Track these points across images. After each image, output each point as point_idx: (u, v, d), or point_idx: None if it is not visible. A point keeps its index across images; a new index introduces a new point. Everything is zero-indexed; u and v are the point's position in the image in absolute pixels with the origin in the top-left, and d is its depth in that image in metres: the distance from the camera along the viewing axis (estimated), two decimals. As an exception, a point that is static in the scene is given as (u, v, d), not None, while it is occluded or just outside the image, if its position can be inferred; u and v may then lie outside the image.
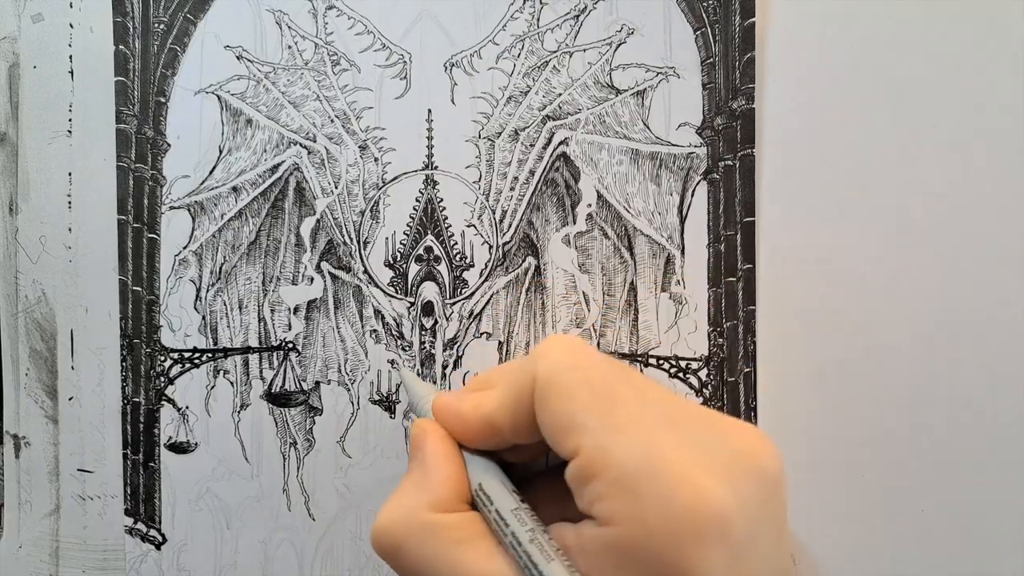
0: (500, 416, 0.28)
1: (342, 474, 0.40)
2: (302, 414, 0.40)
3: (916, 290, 0.38)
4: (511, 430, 0.27)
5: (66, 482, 0.41)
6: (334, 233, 0.40)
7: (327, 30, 0.40)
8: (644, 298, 0.39)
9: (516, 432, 0.27)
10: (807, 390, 0.39)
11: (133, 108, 0.40)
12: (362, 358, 0.40)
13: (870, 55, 0.38)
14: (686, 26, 0.39)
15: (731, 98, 0.39)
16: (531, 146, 0.40)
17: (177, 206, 0.40)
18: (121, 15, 0.40)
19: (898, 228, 0.38)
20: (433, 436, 0.29)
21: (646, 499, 0.22)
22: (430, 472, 0.28)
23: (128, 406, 0.40)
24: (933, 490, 0.38)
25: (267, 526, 0.40)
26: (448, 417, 0.30)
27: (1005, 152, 0.38)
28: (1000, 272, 0.38)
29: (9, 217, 0.41)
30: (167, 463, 0.40)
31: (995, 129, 0.38)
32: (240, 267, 0.40)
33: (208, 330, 0.40)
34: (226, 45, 0.40)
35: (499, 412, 0.28)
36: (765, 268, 0.39)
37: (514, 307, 0.40)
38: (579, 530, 0.24)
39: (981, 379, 0.38)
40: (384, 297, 0.40)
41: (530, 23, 0.40)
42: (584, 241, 0.40)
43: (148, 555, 0.40)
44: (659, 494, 0.22)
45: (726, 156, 0.39)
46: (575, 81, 0.40)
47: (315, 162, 0.40)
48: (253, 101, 0.40)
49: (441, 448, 0.29)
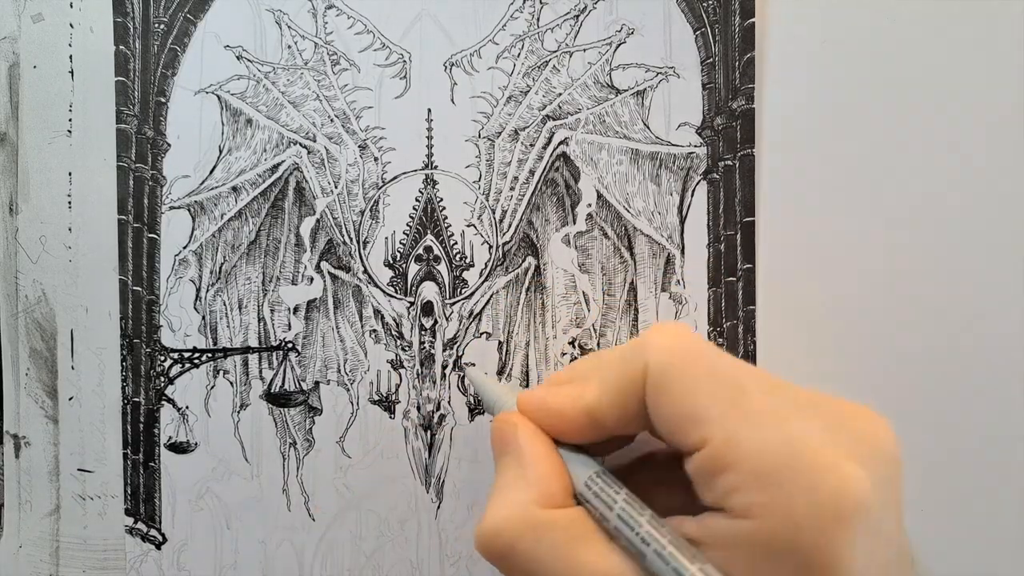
0: (604, 408, 0.26)
1: (342, 474, 0.40)
2: (302, 414, 0.40)
3: (916, 289, 0.38)
4: (617, 422, 0.26)
5: (66, 482, 0.41)
6: (334, 233, 0.40)
7: (327, 30, 0.40)
8: (644, 298, 0.39)
9: (622, 424, 0.26)
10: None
11: (133, 108, 0.40)
12: (362, 358, 0.40)
13: (870, 55, 0.38)
14: (686, 26, 0.39)
15: (731, 98, 0.39)
16: (531, 146, 0.40)
17: (177, 206, 0.40)
18: (121, 15, 0.40)
19: (898, 228, 0.38)
20: (525, 430, 0.28)
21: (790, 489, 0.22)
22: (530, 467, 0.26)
23: (128, 406, 0.40)
24: (933, 490, 0.38)
25: (267, 526, 0.40)
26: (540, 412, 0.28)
27: (1005, 152, 0.38)
28: (1000, 272, 0.38)
29: (9, 217, 0.41)
30: (167, 463, 0.40)
31: (995, 129, 0.38)
32: (240, 267, 0.40)
33: (208, 330, 0.40)
34: (226, 45, 0.40)
35: (603, 404, 0.26)
36: (765, 268, 0.39)
37: (514, 307, 0.40)
38: (704, 523, 0.23)
39: (981, 378, 0.38)
40: (384, 297, 0.40)
41: (530, 23, 0.39)
42: (584, 241, 0.40)
43: (148, 555, 0.40)
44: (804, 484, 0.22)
45: (726, 156, 0.39)
46: (575, 81, 0.40)
47: (315, 162, 0.40)
48: (253, 101, 0.40)
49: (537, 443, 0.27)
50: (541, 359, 0.40)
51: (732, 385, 0.24)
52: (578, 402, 0.27)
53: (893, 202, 0.38)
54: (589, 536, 0.25)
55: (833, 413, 0.24)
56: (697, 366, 0.25)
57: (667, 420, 0.25)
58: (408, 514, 0.40)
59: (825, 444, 0.22)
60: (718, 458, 0.23)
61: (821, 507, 0.21)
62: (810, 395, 0.25)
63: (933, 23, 0.38)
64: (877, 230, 0.38)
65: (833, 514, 0.21)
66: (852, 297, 0.38)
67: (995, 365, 0.38)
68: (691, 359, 0.25)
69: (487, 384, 0.34)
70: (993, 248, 0.38)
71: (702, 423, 0.24)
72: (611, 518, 0.25)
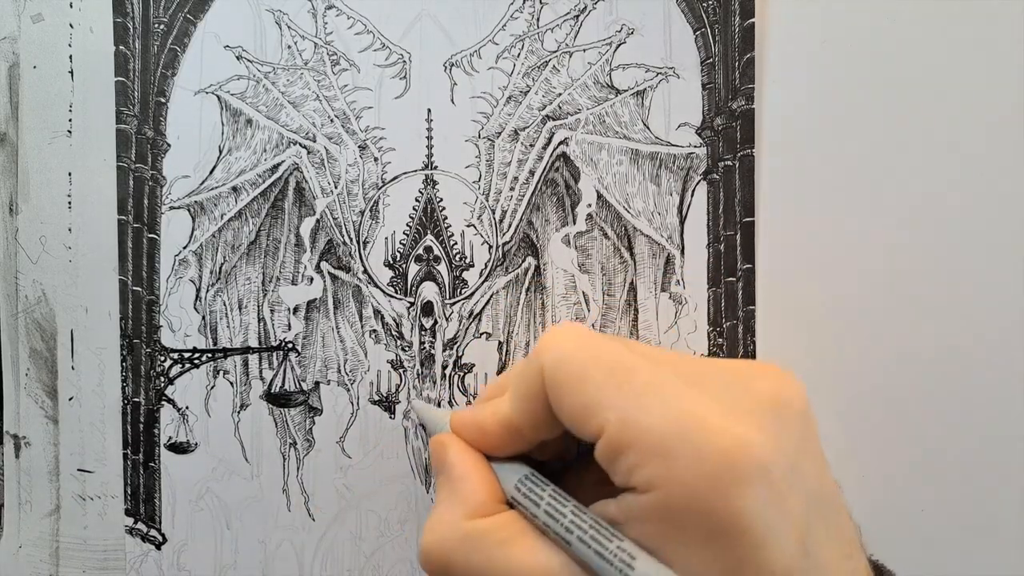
0: (517, 417, 0.28)
1: (342, 474, 0.40)
2: (302, 414, 0.40)
3: (916, 289, 0.38)
4: (531, 428, 0.27)
5: (66, 482, 0.41)
6: (334, 233, 0.40)
7: (327, 30, 0.40)
8: (644, 298, 0.39)
9: (536, 429, 0.27)
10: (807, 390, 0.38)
11: (133, 108, 0.40)
12: (362, 358, 0.40)
13: (870, 55, 0.38)
14: (686, 26, 0.39)
15: (731, 98, 0.39)
16: (531, 146, 0.40)
17: (177, 206, 0.40)
18: (121, 15, 0.40)
19: (898, 227, 0.38)
20: (454, 447, 0.29)
21: (680, 458, 0.22)
22: (459, 482, 0.28)
23: (128, 406, 0.40)
24: (933, 490, 0.38)
25: (267, 526, 0.40)
26: (467, 430, 0.30)
27: (1005, 152, 0.38)
28: (1000, 272, 0.38)
29: (9, 217, 0.41)
30: (167, 463, 0.40)
31: (995, 129, 0.38)
32: (240, 267, 0.40)
33: (208, 330, 0.40)
34: (226, 45, 0.40)
35: (515, 413, 0.28)
36: (765, 268, 0.39)
37: (514, 307, 0.40)
38: (620, 503, 0.24)
39: (981, 379, 0.38)
40: (384, 297, 0.40)
41: (530, 23, 0.39)
42: (584, 241, 0.40)
43: (148, 555, 0.40)
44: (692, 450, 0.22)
45: (726, 156, 0.39)
46: (575, 81, 0.40)
47: (315, 162, 0.40)
48: (253, 101, 0.40)
49: (465, 457, 0.29)
50: (541, 359, 0.40)
51: (620, 369, 0.25)
52: (495, 416, 0.29)
53: (893, 202, 0.38)
54: (520, 536, 0.26)
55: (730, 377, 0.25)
56: (585, 358, 0.25)
57: (568, 415, 0.26)
58: (408, 514, 0.40)
59: (712, 410, 0.23)
60: (616, 441, 0.24)
61: (712, 471, 0.22)
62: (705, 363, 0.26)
63: (933, 23, 0.38)
64: (877, 230, 0.38)
65: (726, 476, 0.22)
66: (852, 297, 0.38)
67: (995, 365, 0.38)
68: (578, 352, 0.26)
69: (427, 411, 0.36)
70: (993, 248, 0.38)
71: (596, 411, 0.24)
72: (539, 515, 0.26)
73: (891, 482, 0.38)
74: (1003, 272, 0.38)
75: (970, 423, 0.38)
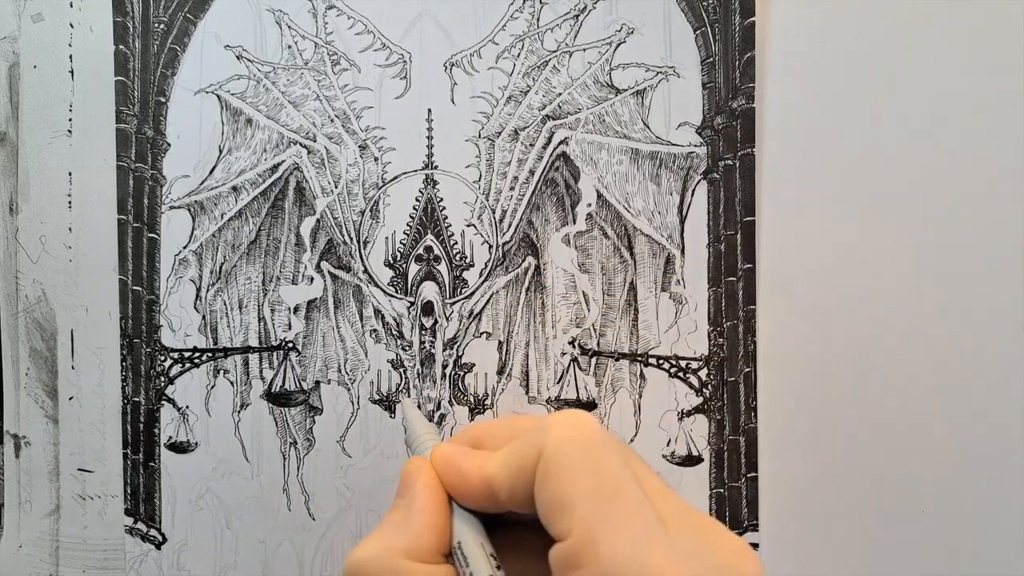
0: (500, 483, 0.27)
1: (342, 474, 0.40)
2: (302, 414, 0.40)
3: (916, 289, 0.38)
4: (508, 499, 0.27)
5: (66, 482, 0.41)
6: (334, 233, 0.40)
7: (327, 30, 0.40)
8: (644, 298, 0.39)
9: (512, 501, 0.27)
10: (807, 390, 0.39)
11: (133, 108, 0.40)
12: (362, 358, 0.40)
13: (870, 55, 0.38)
14: (686, 26, 0.39)
15: (731, 97, 0.39)
16: (531, 146, 0.40)
17: (177, 206, 0.40)
18: (121, 15, 0.40)
19: (898, 227, 0.38)
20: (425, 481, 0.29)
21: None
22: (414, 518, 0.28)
23: (128, 406, 0.40)
24: (933, 490, 0.38)
25: (267, 526, 0.40)
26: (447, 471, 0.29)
27: (1005, 152, 0.38)
28: (1000, 271, 0.38)
29: (9, 217, 0.41)
30: (167, 463, 0.40)
31: (995, 128, 0.38)
32: (240, 267, 0.40)
33: (208, 330, 0.40)
34: (226, 45, 0.40)
35: (500, 478, 0.27)
36: (765, 268, 0.39)
37: (514, 307, 0.40)
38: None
39: (981, 379, 0.38)
40: (384, 297, 0.40)
41: (530, 23, 0.40)
42: (584, 241, 0.40)
43: (148, 555, 0.40)
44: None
45: (726, 156, 0.39)
46: (575, 81, 0.40)
47: (315, 162, 0.40)
48: (253, 101, 0.40)
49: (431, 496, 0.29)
50: (541, 359, 0.40)
51: (610, 484, 0.25)
52: (480, 470, 0.28)
53: (893, 202, 0.38)
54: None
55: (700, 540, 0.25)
56: (584, 459, 0.25)
57: (543, 504, 0.26)
58: (408, 514, 0.40)
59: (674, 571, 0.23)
60: (574, 552, 0.24)
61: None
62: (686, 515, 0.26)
63: (933, 23, 0.38)
64: (877, 230, 0.38)
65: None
66: (852, 297, 0.38)
67: (995, 365, 0.38)
68: (580, 451, 0.26)
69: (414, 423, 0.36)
70: (993, 248, 0.38)
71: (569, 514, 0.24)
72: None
73: (891, 482, 0.38)
74: (1003, 272, 0.38)
75: (970, 423, 0.38)
